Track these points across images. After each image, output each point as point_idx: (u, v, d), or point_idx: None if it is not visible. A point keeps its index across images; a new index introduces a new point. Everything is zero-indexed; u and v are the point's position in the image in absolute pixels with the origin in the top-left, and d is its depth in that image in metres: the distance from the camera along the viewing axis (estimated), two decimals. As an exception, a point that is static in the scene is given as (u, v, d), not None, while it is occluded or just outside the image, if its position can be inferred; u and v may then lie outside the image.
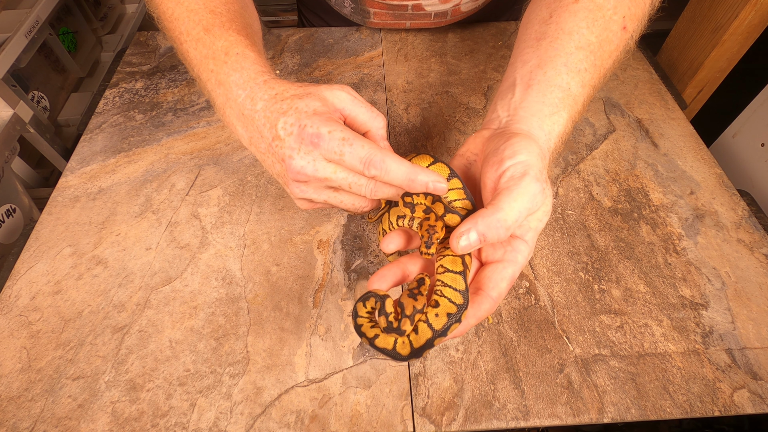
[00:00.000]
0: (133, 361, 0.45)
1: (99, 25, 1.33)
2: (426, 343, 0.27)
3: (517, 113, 0.34)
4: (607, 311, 0.48)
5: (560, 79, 0.34)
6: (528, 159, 0.29)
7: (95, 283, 0.50)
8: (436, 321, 0.28)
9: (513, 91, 0.35)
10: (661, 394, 0.43)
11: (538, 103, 0.34)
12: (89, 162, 0.62)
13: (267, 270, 0.51)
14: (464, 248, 0.28)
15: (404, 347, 0.28)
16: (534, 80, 0.34)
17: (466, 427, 0.41)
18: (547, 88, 0.34)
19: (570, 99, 0.34)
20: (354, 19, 0.77)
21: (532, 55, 0.36)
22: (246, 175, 0.60)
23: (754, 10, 0.68)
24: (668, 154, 0.62)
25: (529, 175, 0.29)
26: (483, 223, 0.28)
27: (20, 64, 0.93)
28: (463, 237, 0.28)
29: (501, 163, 0.30)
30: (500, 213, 0.28)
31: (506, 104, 0.35)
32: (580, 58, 0.34)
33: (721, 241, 0.53)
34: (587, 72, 0.35)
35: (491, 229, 0.28)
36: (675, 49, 0.84)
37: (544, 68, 0.34)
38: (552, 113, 0.33)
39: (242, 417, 0.42)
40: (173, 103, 0.69)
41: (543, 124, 0.33)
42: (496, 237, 0.28)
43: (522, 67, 0.36)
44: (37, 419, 0.41)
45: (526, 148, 0.30)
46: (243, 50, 0.36)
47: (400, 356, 0.28)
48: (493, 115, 0.36)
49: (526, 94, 0.34)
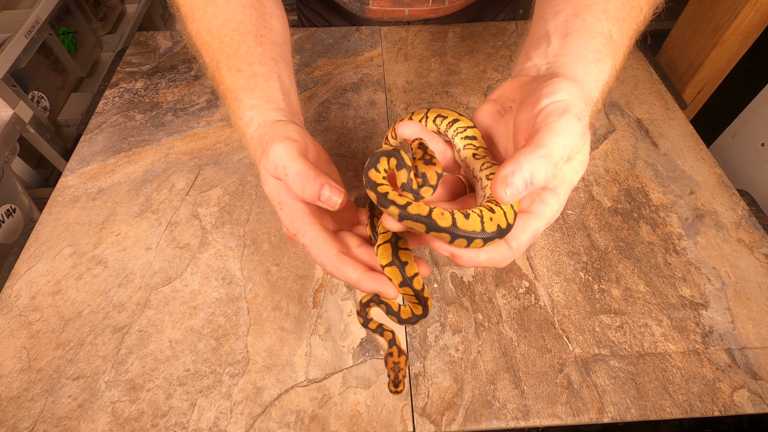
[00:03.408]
0: (133, 361, 0.45)
1: (99, 25, 1.33)
2: (471, 233, 0.24)
3: (558, 60, 0.31)
4: (607, 311, 0.48)
5: (601, 26, 0.31)
6: (569, 98, 0.26)
7: (95, 283, 0.50)
8: (489, 224, 0.24)
9: (548, 40, 0.32)
10: (661, 394, 0.43)
11: (580, 48, 0.31)
12: (89, 162, 0.62)
13: (267, 270, 0.51)
14: (511, 197, 0.24)
15: (443, 219, 0.24)
16: (572, 28, 0.31)
17: (466, 427, 0.41)
18: (588, 35, 0.31)
19: (613, 46, 0.31)
20: (353, 7, 0.76)
21: (563, 6, 0.33)
22: (246, 175, 0.60)
23: (754, 10, 0.68)
24: (668, 154, 0.62)
25: (570, 112, 0.25)
26: (528, 162, 0.23)
27: (20, 64, 0.93)
28: (508, 181, 0.23)
29: (538, 102, 0.27)
30: (543, 149, 0.24)
31: (542, 53, 0.32)
32: (618, 7, 0.32)
33: (721, 240, 0.53)
34: (625, 21, 0.32)
35: (539, 167, 0.23)
36: (675, 48, 0.84)
37: (581, 16, 0.32)
38: (597, 59, 0.30)
39: (242, 417, 0.42)
40: (173, 103, 0.69)
41: (588, 70, 0.30)
42: (544, 176, 0.24)
43: (554, 18, 0.33)
44: (37, 419, 0.41)
45: (567, 88, 0.27)
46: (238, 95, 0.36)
47: (437, 226, 0.24)
48: (527, 63, 0.33)
49: (564, 41, 0.31)
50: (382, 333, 0.36)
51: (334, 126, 0.66)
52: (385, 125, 0.66)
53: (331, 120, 0.67)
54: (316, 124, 0.66)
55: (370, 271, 0.31)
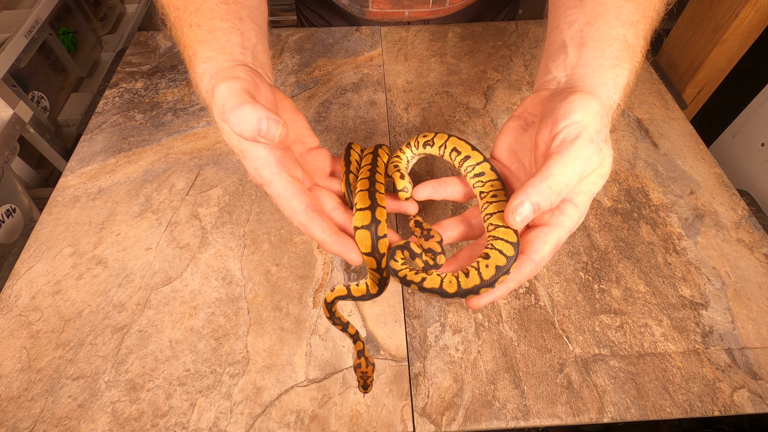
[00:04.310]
0: (133, 361, 0.45)
1: (99, 25, 1.33)
2: (473, 288, 0.29)
3: (576, 71, 0.32)
4: (607, 311, 0.48)
5: (615, 32, 0.32)
6: (583, 119, 0.28)
7: (95, 283, 0.50)
8: (485, 271, 0.29)
9: (565, 51, 0.34)
10: (661, 394, 0.43)
11: (597, 57, 0.32)
12: (89, 162, 0.62)
13: (267, 270, 0.51)
14: (522, 222, 0.27)
15: (451, 286, 0.29)
16: (587, 37, 0.33)
17: (466, 427, 0.41)
18: (603, 43, 0.32)
19: (629, 50, 0.32)
20: (352, 9, 0.76)
21: (577, 15, 0.34)
22: (246, 174, 0.60)
23: (754, 9, 0.68)
24: (668, 153, 0.62)
25: (582, 137, 0.27)
26: (534, 193, 0.27)
27: (20, 64, 0.93)
28: (518, 211, 0.27)
29: (555, 125, 0.29)
30: (550, 179, 0.27)
31: (560, 65, 0.34)
32: (631, 10, 0.33)
33: (721, 240, 0.53)
34: (639, 23, 0.33)
35: (543, 197, 0.27)
36: (675, 48, 0.84)
37: (596, 24, 0.33)
38: (614, 66, 0.32)
39: (242, 417, 0.42)
40: (173, 103, 0.69)
41: (606, 78, 0.31)
42: (549, 204, 0.27)
43: (569, 28, 0.34)
44: (37, 419, 0.41)
45: (583, 106, 0.29)
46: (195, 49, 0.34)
47: (447, 293, 0.29)
48: (548, 76, 0.34)
49: (581, 52, 0.33)
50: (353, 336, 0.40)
51: (334, 126, 0.66)
52: (385, 125, 0.66)
53: (331, 120, 0.67)
54: (316, 124, 0.66)
55: (338, 233, 0.32)
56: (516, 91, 0.70)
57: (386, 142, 0.64)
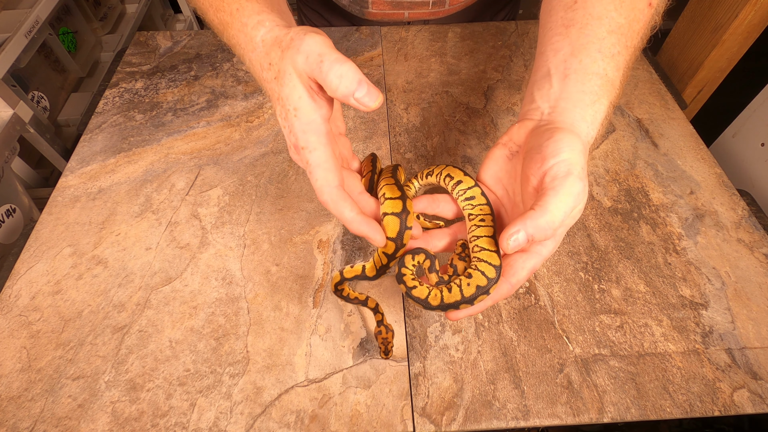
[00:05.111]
0: (133, 361, 0.45)
1: (99, 25, 1.33)
2: (454, 303, 0.31)
3: (558, 104, 0.34)
4: (607, 311, 0.48)
5: (596, 66, 0.34)
6: (571, 157, 0.30)
7: (95, 283, 0.50)
8: (467, 289, 0.31)
9: (549, 81, 0.36)
10: (661, 394, 0.43)
11: (578, 92, 0.34)
12: (89, 162, 0.62)
13: (267, 270, 0.51)
14: (514, 248, 0.29)
15: (435, 299, 0.32)
16: (570, 69, 0.35)
17: (466, 427, 0.41)
18: (585, 77, 0.34)
19: (608, 84, 0.34)
20: (352, 9, 0.76)
21: (562, 43, 0.36)
22: (246, 175, 0.60)
23: (754, 9, 0.68)
24: (668, 153, 0.62)
25: (572, 174, 0.29)
26: (532, 225, 0.29)
27: (20, 64, 0.94)
28: (513, 238, 0.29)
29: (544, 161, 0.31)
30: (548, 215, 0.29)
31: (545, 95, 0.36)
32: (613, 42, 0.35)
33: (721, 240, 0.53)
34: (620, 55, 0.35)
35: (540, 230, 0.29)
36: (675, 48, 0.84)
37: (579, 56, 0.35)
38: (593, 102, 0.34)
39: (242, 417, 0.42)
40: (173, 103, 0.69)
41: (585, 114, 0.34)
42: (543, 237, 0.29)
43: (554, 56, 0.36)
44: (37, 419, 0.41)
45: (569, 145, 0.31)
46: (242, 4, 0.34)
47: (430, 305, 0.32)
48: (532, 105, 0.36)
49: (564, 84, 0.35)
50: (373, 309, 0.42)
51: (334, 126, 0.66)
52: (385, 125, 0.66)
53: (331, 120, 0.67)
54: (316, 124, 0.66)
55: (364, 214, 0.32)
56: (516, 91, 0.70)
57: (386, 142, 0.64)
